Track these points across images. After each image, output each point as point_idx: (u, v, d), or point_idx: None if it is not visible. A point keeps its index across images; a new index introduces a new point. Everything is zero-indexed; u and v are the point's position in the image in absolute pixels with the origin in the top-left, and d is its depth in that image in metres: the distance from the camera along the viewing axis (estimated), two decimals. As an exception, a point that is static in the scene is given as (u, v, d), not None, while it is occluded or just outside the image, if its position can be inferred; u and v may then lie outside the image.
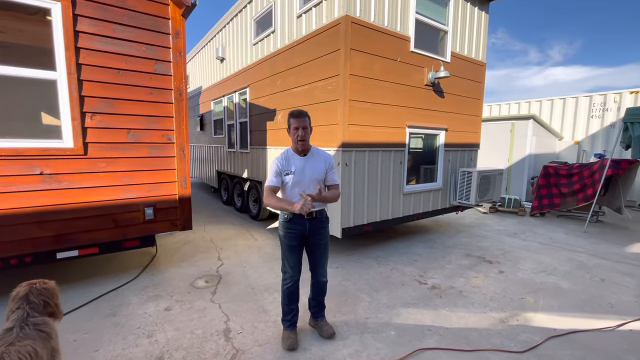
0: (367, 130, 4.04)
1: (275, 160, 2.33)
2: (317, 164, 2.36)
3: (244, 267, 3.95)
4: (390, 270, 3.90)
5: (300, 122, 2.25)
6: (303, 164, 2.32)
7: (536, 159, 8.45)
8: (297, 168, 2.30)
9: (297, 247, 2.37)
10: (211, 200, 8.45)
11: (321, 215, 2.40)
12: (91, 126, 3.03)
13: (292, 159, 2.33)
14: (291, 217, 2.32)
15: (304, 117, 2.27)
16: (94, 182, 3.09)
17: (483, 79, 5.63)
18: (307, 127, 2.29)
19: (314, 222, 2.35)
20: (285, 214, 2.35)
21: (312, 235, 2.37)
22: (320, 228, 2.38)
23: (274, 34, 5.13)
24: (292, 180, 2.28)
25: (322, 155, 2.41)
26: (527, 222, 6.45)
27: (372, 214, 4.28)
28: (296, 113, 2.28)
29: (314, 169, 2.33)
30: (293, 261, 2.38)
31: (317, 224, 2.36)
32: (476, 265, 4.07)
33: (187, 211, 3.67)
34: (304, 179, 2.30)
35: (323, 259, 2.45)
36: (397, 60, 4.23)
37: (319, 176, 2.35)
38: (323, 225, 2.41)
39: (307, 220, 2.32)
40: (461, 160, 5.50)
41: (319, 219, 2.38)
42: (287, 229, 2.34)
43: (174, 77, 3.40)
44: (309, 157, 2.36)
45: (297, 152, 2.34)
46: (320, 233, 2.38)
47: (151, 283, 3.45)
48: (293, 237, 2.34)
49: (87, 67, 2.96)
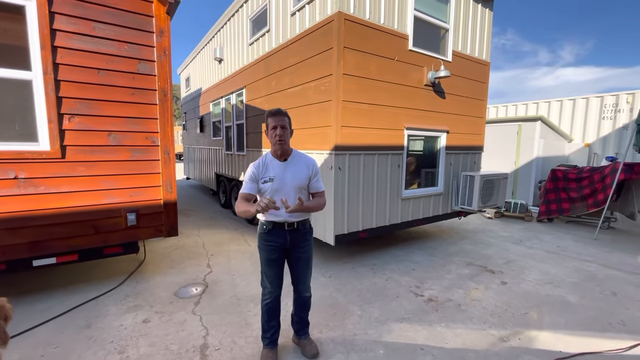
0: (363, 132, 3.86)
1: (250, 166, 2.11)
2: (299, 169, 2.13)
3: (233, 275, 3.79)
4: (386, 280, 3.69)
5: (279, 121, 2.02)
6: (283, 170, 2.10)
7: (544, 162, 8.14)
8: (276, 174, 2.08)
9: (277, 261, 2.16)
10: (209, 203, 8.33)
11: (304, 227, 2.19)
12: (69, 128, 2.90)
13: (270, 165, 2.11)
14: (270, 229, 2.12)
15: (282, 116, 2.05)
16: (72, 187, 2.96)
17: (487, 79, 5.39)
18: (287, 127, 2.06)
19: (296, 233, 2.15)
20: (264, 225, 2.15)
21: (294, 248, 2.17)
22: (302, 241, 2.18)
23: (269, 33, 4.98)
24: (271, 188, 2.06)
25: (304, 160, 2.18)
26: (534, 228, 6.16)
27: (368, 220, 4.09)
28: (274, 111, 2.06)
29: (295, 175, 2.11)
30: (272, 276, 2.18)
31: (298, 236, 2.16)
32: (477, 276, 3.84)
33: (173, 217, 3.52)
34: (284, 186, 2.08)
35: (305, 274, 2.25)
36: (395, 59, 4.04)
37: (301, 183, 2.12)
38: (306, 237, 2.20)
39: (288, 231, 2.12)
40: (464, 164, 5.27)
41: (301, 231, 2.17)
42: (266, 241, 2.14)
43: (158, 77, 3.26)
44: (290, 162, 2.13)
45: (277, 156, 2.13)
46: (302, 246, 2.18)
47: (133, 292, 3.30)
48: (272, 250, 2.14)
49: (65, 67, 2.84)
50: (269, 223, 2.12)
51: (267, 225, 2.13)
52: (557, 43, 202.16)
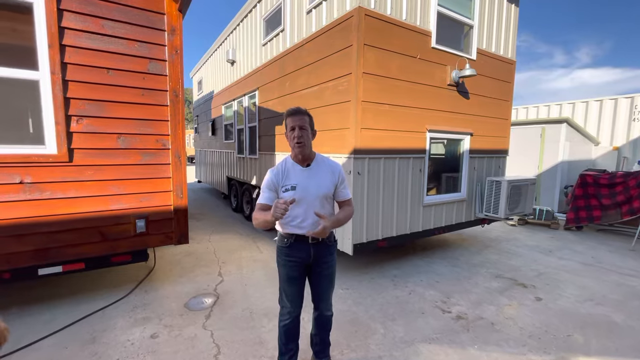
0: (383, 134, 3.63)
1: (269, 173, 1.89)
2: (323, 176, 1.90)
3: (245, 285, 3.59)
4: (409, 293, 3.43)
5: (297, 121, 1.80)
6: (306, 177, 1.87)
7: (569, 166, 7.72)
8: (298, 182, 1.85)
9: (299, 279, 1.95)
10: (221, 207, 8.21)
11: (329, 240, 1.96)
12: (77, 131, 2.77)
13: (292, 171, 1.88)
14: (291, 242, 1.90)
15: (302, 115, 1.83)
16: (79, 192, 2.82)
17: (512, 78, 5.10)
18: (307, 127, 1.83)
19: (320, 247, 1.92)
20: (284, 238, 1.93)
21: (317, 264, 1.95)
22: (326, 255, 1.96)
23: (283, 32, 4.81)
24: (293, 197, 1.80)
25: (329, 165, 1.95)
26: (563, 237, 5.79)
27: (388, 228, 3.84)
28: (293, 110, 1.83)
29: (320, 183, 1.88)
30: (292, 294, 1.96)
31: (323, 251, 1.94)
32: (508, 290, 3.54)
33: (184, 223, 3.36)
34: (307, 196, 1.84)
35: (328, 291, 2.03)
36: (417, 57, 3.80)
37: (327, 191, 1.89)
38: (330, 251, 1.98)
39: (312, 245, 1.90)
40: (488, 168, 4.97)
41: (325, 244, 1.94)
42: (287, 257, 1.92)
43: (169, 77, 3.11)
44: (313, 168, 1.91)
45: (298, 161, 1.90)
46: (326, 261, 1.96)
47: (142, 302, 3.14)
48: (294, 266, 1.92)
49: (73, 67, 2.71)
50: (291, 236, 1.89)
51: (289, 239, 1.91)
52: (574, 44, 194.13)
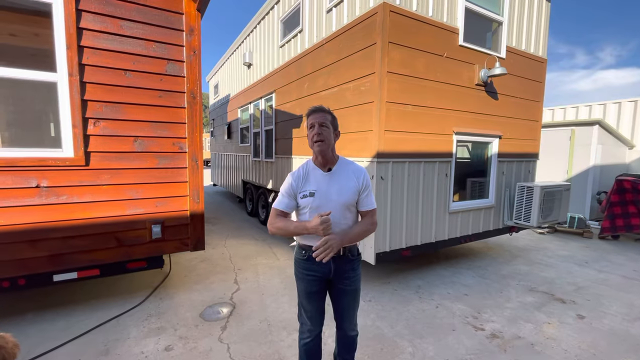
0: (407, 137, 3.43)
1: (289, 177, 1.73)
2: (347, 181, 1.69)
3: (262, 294, 3.45)
4: (436, 307, 3.21)
5: (318, 118, 1.64)
6: (327, 182, 1.68)
7: (601, 171, 7.28)
8: (318, 188, 1.67)
9: (318, 294, 1.77)
10: (236, 211, 8.14)
11: (351, 253, 1.75)
12: (94, 134, 2.70)
13: (312, 175, 1.71)
14: (309, 255, 1.69)
15: (323, 113, 1.66)
16: (95, 196, 2.75)
17: (543, 78, 4.80)
18: (328, 125, 1.65)
19: (342, 262, 1.72)
20: (302, 250, 1.75)
21: (338, 280, 1.75)
22: (349, 270, 1.74)
23: (302, 33, 4.70)
24: (311, 205, 1.66)
25: (352, 169, 1.74)
26: (598, 247, 5.40)
27: (412, 236, 3.63)
28: (314, 108, 1.68)
29: (342, 190, 1.67)
30: (312, 311, 1.79)
31: (345, 265, 1.73)
32: (545, 305, 3.26)
33: (200, 229, 3.25)
34: (327, 203, 1.65)
35: (352, 310, 1.82)
36: (444, 55, 3.60)
37: (349, 199, 1.67)
38: (353, 266, 1.76)
39: (332, 259, 1.68)
40: (517, 173, 4.68)
41: (347, 258, 1.74)
42: (305, 270, 1.74)
43: (187, 79, 3.03)
44: (335, 173, 1.71)
45: (319, 164, 1.72)
46: (348, 277, 1.75)
47: (157, 311, 3.04)
48: (313, 281, 1.74)
49: (91, 68, 2.65)
50: (309, 247, 1.70)
51: (307, 251, 1.72)
52: (596, 44, 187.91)
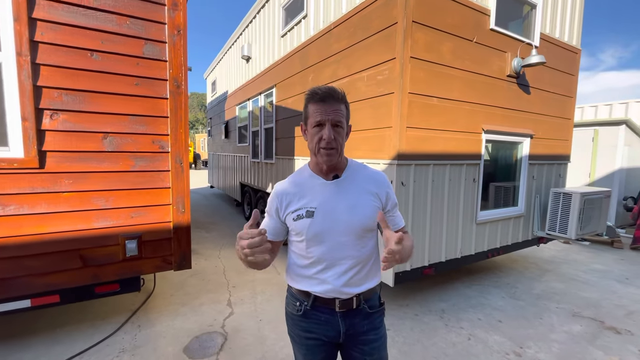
0: (431, 135, 2.91)
1: (274, 189, 1.19)
2: (361, 194, 1.14)
3: (260, 320, 2.92)
4: (467, 338, 2.67)
5: (329, 112, 1.04)
6: (332, 196, 1.13)
7: (628, 174, 6.76)
8: (320, 204, 1.12)
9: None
10: (233, 216, 7.61)
11: (369, 304, 1.18)
12: (51, 128, 2.18)
13: (308, 187, 1.15)
14: (307, 309, 1.16)
15: (336, 102, 1.06)
16: (53, 206, 2.22)
17: (577, 70, 4.28)
18: (343, 123, 1.08)
19: (357, 317, 1.16)
20: (295, 300, 1.20)
21: (353, 344, 1.18)
22: (369, 331, 1.17)
23: (306, 19, 4.18)
24: (309, 228, 1.10)
25: (368, 177, 1.19)
26: (634, 260, 4.86)
27: (435, 252, 3.10)
28: (321, 94, 1.06)
29: (355, 206, 1.12)
30: None
31: (361, 322, 1.16)
32: (598, 337, 2.73)
33: (185, 244, 2.72)
34: (335, 227, 1.10)
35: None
36: (473, 40, 3.08)
37: (366, 220, 1.11)
38: (374, 323, 1.19)
39: (342, 315, 1.15)
40: (548, 177, 4.16)
41: (364, 312, 1.17)
42: (303, 332, 1.19)
43: (169, 64, 2.50)
44: (345, 182, 1.15)
45: (319, 171, 1.16)
46: (369, 341, 1.17)
47: (132, 344, 2.51)
48: (313, 348, 1.19)
49: (47, 47, 2.13)
50: (305, 296, 1.17)
51: (302, 302, 1.17)
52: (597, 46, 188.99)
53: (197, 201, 9.66)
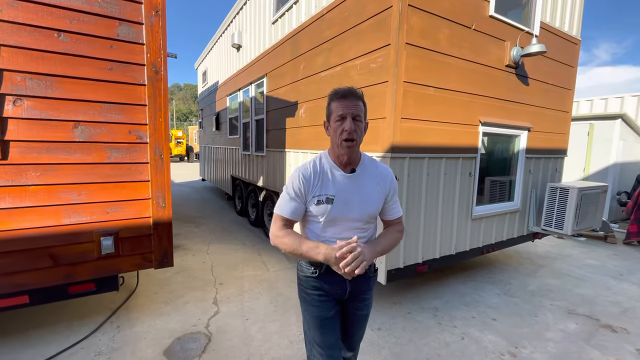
0: (427, 127, 2.78)
1: (297, 174, 1.32)
2: (372, 186, 1.36)
3: (246, 319, 2.80)
4: (461, 338, 2.59)
5: (350, 107, 1.24)
6: (350, 187, 1.33)
7: (622, 169, 6.73)
8: (338, 193, 1.31)
9: (333, 320, 1.42)
10: (224, 209, 7.45)
11: (369, 270, 1.44)
12: (14, 116, 2.00)
13: (329, 176, 1.33)
14: (321, 272, 1.37)
15: (355, 99, 1.26)
16: (18, 201, 2.05)
17: (576, 62, 4.17)
18: (362, 117, 1.27)
19: (360, 280, 1.40)
20: (312, 266, 1.39)
21: (352, 302, 1.46)
22: (365, 291, 1.46)
23: (297, 4, 3.98)
24: (328, 213, 1.30)
25: (378, 171, 1.40)
26: (628, 255, 4.84)
27: (430, 248, 3.00)
28: (343, 91, 1.26)
29: (367, 197, 1.35)
30: (329, 345, 1.38)
31: (362, 284, 1.43)
32: (594, 336, 2.66)
33: (166, 241, 2.57)
34: (349, 213, 1.32)
35: (359, 336, 1.55)
36: (472, 27, 2.93)
37: (375, 208, 1.38)
38: (369, 285, 1.47)
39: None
40: (544, 171, 4.07)
41: (365, 275, 1.43)
42: (317, 292, 1.39)
43: (147, 47, 2.32)
44: (360, 175, 1.35)
45: (340, 163, 1.33)
46: (364, 299, 1.47)
47: (109, 346, 2.37)
48: (326, 305, 1.39)
49: (6, 25, 1.93)
50: (321, 263, 1.33)
51: (317, 267, 1.36)
52: (592, 41, 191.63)
53: (188, 194, 9.47)
